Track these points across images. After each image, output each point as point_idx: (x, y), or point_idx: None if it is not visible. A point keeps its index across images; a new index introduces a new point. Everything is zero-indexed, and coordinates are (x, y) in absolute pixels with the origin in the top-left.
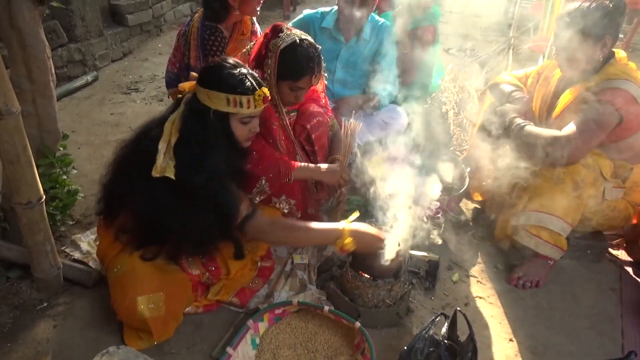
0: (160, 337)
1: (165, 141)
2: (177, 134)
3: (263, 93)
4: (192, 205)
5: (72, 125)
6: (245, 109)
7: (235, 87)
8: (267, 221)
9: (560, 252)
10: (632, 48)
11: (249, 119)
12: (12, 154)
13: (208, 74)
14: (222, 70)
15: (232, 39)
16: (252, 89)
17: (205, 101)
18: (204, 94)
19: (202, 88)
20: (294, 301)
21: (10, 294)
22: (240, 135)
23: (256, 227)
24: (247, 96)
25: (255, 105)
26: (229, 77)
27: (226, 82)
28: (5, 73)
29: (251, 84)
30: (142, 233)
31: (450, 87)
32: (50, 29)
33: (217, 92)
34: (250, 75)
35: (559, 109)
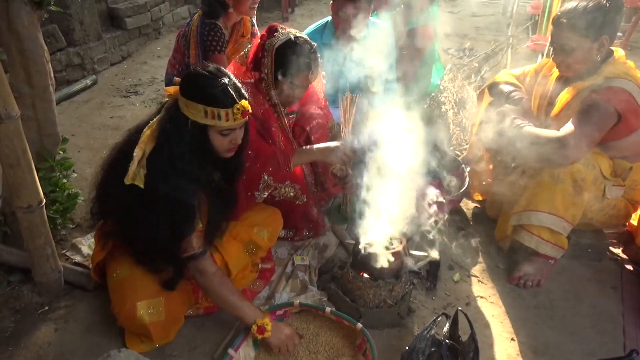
0: (161, 340)
1: (141, 148)
2: (154, 141)
3: (242, 107)
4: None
5: (72, 128)
6: (224, 122)
7: (214, 99)
8: (211, 268)
9: (561, 251)
10: (631, 46)
11: (229, 131)
12: (12, 158)
13: (188, 82)
14: (202, 80)
15: (232, 40)
16: (231, 102)
17: (184, 110)
18: (183, 103)
19: (182, 97)
20: (295, 302)
21: (12, 298)
22: (220, 147)
23: (198, 269)
24: (225, 109)
25: (235, 119)
26: (208, 88)
27: (205, 94)
28: (5, 77)
29: (231, 97)
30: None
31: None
32: (49, 33)
33: (195, 103)
34: (232, 86)
35: (557, 109)
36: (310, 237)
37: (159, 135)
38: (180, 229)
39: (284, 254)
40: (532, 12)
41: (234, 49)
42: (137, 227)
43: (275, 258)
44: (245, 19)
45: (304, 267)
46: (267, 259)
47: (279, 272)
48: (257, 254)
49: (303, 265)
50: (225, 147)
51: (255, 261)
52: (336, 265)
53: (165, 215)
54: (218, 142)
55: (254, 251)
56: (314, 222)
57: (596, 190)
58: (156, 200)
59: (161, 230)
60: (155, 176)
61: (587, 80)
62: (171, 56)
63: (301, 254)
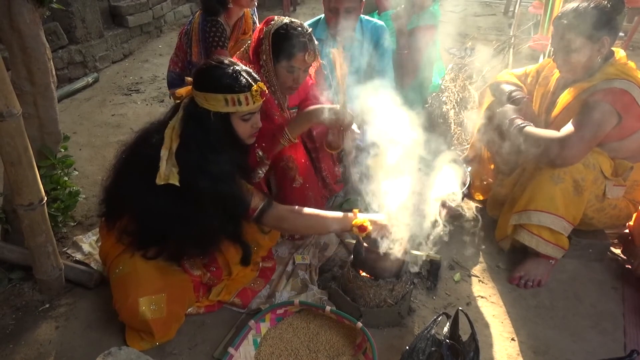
0: (162, 338)
1: (166, 148)
2: (178, 139)
3: (259, 88)
4: (200, 210)
5: (73, 126)
6: (245, 106)
7: (231, 86)
8: (286, 209)
9: (562, 251)
10: (633, 47)
11: (250, 116)
12: (14, 155)
13: (202, 76)
14: (215, 71)
15: (233, 37)
16: (248, 86)
17: (203, 104)
18: (201, 97)
19: (199, 92)
20: (295, 301)
21: (13, 295)
22: (244, 133)
23: (275, 216)
24: (244, 93)
25: (254, 101)
26: (224, 77)
27: (221, 83)
28: (6, 75)
29: (246, 81)
30: (144, 236)
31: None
32: (51, 31)
33: (213, 94)
34: (244, 71)
35: (558, 109)
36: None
37: (182, 132)
38: (238, 212)
39: (285, 253)
40: (533, 12)
41: (235, 47)
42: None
43: (275, 257)
44: (247, 16)
45: (305, 266)
46: (267, 258)
47: (280, 271)
48: (258, 253)
49: (304, 264)
50: (248, 133)
51: (256, 260)
52: (337, 264)
53: (215, 207)
54: (242, 129)
55: (255, 250)
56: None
57: (597, 190)
58: (199, 197)
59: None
60: (190, 172)
61: (588, 81)
62: (173, 54)
63: (302, 252)
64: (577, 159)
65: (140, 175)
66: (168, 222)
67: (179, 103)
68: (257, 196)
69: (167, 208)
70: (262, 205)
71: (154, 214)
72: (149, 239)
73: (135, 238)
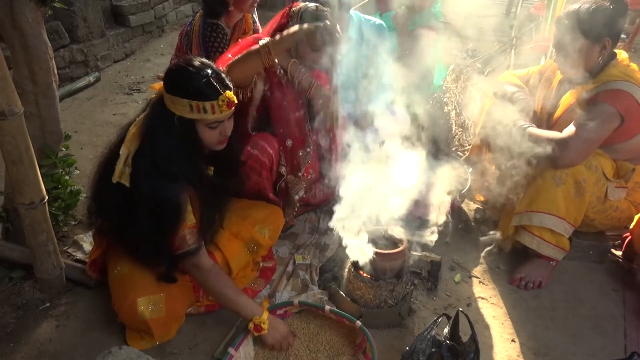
0: (161, 337)
1: (126, 147)
2: (139, 139)
3: (227, 98)
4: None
5: (75, 125)
6: (210, 115)
7: (198, 92)
8: (208, 264)
9: (563, 252)
10: (635, 48)
11: (217, 124)
12: (15, 154)
13: (172, 78)
14: (184, 74)
15: (234, 38)
16: (216, 94)
17: (169, 106)
18: (169, 99)
19: (167, 93)
20: (295, 301)
21: (13, 294)
22: (209, 140)
23: (194, 264)
24: (210, 102)
25: (221, 111)
26: (191, 82)
27: (189, 88)
28: (8, 74)
29: (215, 89)
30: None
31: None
32: (53, 30)
33: (179, 98)
34: (215, 77)
35: (561, 110)
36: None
37: (143, 132)
38: (166, 226)
39: (285, 253)
40: (535, 13)
41: None
42: (127, 225)
43: (276, 257)
44: (246, 16)
45: (305, 266)
46: (268, 258)
47: (280, 271)
48: (258, 253)
49: (304, 265)
50: (215, 140)
51: (257, 260)
52: (337, 264)
53: (149, 212)
54: (207, 136)
55: (255, 250)
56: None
57: (598, 191)
58: (140, 199)
59: (147, 227)
60: (139, 174)
61: (590, 83)
62: (174, 54)
63: (302, 253)
64: (579, 160)
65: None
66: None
67: (150, 99)
68: (193, 235)
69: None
70: (189, 248)
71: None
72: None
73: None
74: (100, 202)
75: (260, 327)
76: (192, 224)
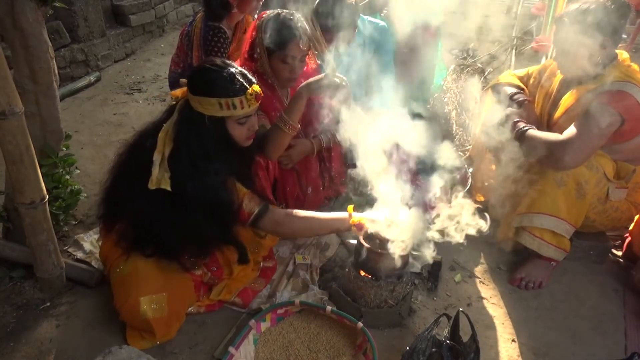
0: (162, 337)
1: (159, 152)
2: (171, 144)
3: (254, 91)
4: (189, 214)
5: (75, 125)
6: (240, 110)
7: (225, 90)
8: (283, 213)
9: (563, 253)
10: (636, 49)
11: (246, 119)
12: (16, 154)
13: (196, 80)
14: (209, 75)
15: (235, 38)
16: (242, 89)
17: (198, 108)
18: (196, 101)
19: (193, 95)
20: (296, 301)
21: (14, 293)
22: (240, 136)
23: (272, 221)
24: (238, 97)
25: (249, 105)
26: (218, 81)
27: (216, 87)
28: (9, 73)
29: (241, 84)
30: (140, 240)
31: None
32: (53, 30)
33: (207, 98)
34: (239, 74)
35: (561, 111)
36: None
37: (176, 137)
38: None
39: (286, 253)
40: (536, 13)
41: (237, 47)
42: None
43: (276, 257)
44: (247, 16)
45: (306, 266)
46: (268, 258)
47: (281, 271)
48: (259, 253)
49: (304, 264)
50: (244, 136)
51: (257, 259)
52: (338, 264)
53: (204, 213)
54: (237, 132)
55: (256, 250)
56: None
57: (599, 192)
58: (191, 199)
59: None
60: (181, 178)
61: (591, 83)
62: (174, 54)
63: (302, 252)
64: (581, 162)
65: (135, 180)
66: (161, 227)
67: (174, 104)
68: (252, 201)
69: (159, 212)
70: (258, 210)
71: (148, 218)
72: (144, 243)
73: (131, 243)
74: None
75: (361, 225)
76: (245, 192)
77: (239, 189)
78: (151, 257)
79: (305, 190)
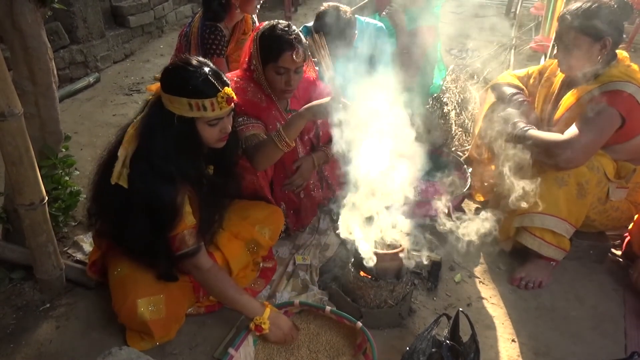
0: (161, 338)
1: (124, 148)
2: (137, 140)
3: (226, 94)
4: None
5: (74, 126)
6: (210, 112)
7: (196, 90)
8: (206, 264)
9: (563, 253)
10: (635, 48)
11: (217, 121)
12: (15, 155)
13: (168, 77)
14: (182, 74)
15: (234, 38)
16: (214, 91)
17: (168, 106)
18: (167, 99)
19: (165, 93)
20: (295, 302)
21: (13, 295)
22: (210, 138)
23: (194, 265)
24: (210, 99)
25: (220, 107)
26: (190, 80)
27: (187, 86)
28: (8, 75)
29: (213, 86)
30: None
31: (452, 88)
32: (52, 31)
33: (178, 98)
34: (212, 75)
35: (561, 111)
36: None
37: (141, 133)
38: (162, 226)
39: (285, 253)
40: (535, 13)
41: (235, 47)
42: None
43: (276, 257)
44: (246, 16)
45: (305, 267)
46: (268, 258)
47: (280, 271)
48: (259, 253)
49: (304, 265)
50: (215, 138)
51: (257, 260)
52: (337, 265)
53: (145, 213)
54: (208, 134)
55: (255, 250)
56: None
57: (600, 192)
58: (136, 199)
59: (143, 228)
60: (136, 175)
61: (591, 83)
62: (174, 55)
63: (302, 253)
64: (582, 162)
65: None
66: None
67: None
68: (191, 237)
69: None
70: (187, 250)
71: (112, 214)
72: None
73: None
74: (100, 203)
75: (260, 328)
76: (192, 224)
77: (186, 216)
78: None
79: (299, 194)
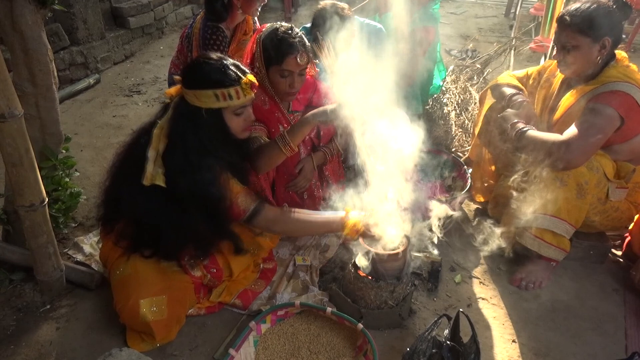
0: (162, 339)
1: (154, 149)
2: (166, 140)
3: (249, 80)
4: (183, 210)
5: (75, 127)
6: (236, 100)
7: (220, 81)
8: (277, 212)
9: (563, 253)
10: (634, 49)
11: (242, 109)
12: (15, 156)
13: (190, 74)
14: (203, 67)
15: (235, 39)
16: (237, 79)
17: (194, 102)
18: (192, 95)
19: (188, 90)
20: (296, 303)
21: (14, 296)
22: (236, 127)
23: (267, 219)
24: (234, 87)
25: (245, 94)
26: (212, 73)
27: (210, 78)
28: (8, 76)
29: (235, 74)
30: (139, 238)
31: (452, 88)
32: (53, 32)
33: (203, 91)
34: (233, 65)
35: (561, 111)
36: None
37: (171, 133)
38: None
39: (286, 255)
40: (535, 14)
41: (236, 48)
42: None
43: (276, 258)
44: (248, 17)
45: (305, 268)
46: (268, 259)
47: (281, 273)
48: (259, 254)
49: (304, 266)
50: (241, 127)
51: (257, 261)
52: (337, 265)
53: (196, 208)
54: (235, 124)
55: (256, 251)
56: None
57: (599, 192)
58: (183, 195)
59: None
60: (175, 173)
61: (590, 84)
62: (174, 56)
63: (302, 254)
64: (581, 162)
65: (132, 177)
66: (159, 223)
67: (168, 103)
68: (248, 197)
69: (156, 210)
70: (253, 207)
71: (147, 217)
72: (144, 241)
73: (131, 241)
74: (118, 207)
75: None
76: (240, 188)
77: (234, 186)
78: (151, 258)
79: (302, 195)
